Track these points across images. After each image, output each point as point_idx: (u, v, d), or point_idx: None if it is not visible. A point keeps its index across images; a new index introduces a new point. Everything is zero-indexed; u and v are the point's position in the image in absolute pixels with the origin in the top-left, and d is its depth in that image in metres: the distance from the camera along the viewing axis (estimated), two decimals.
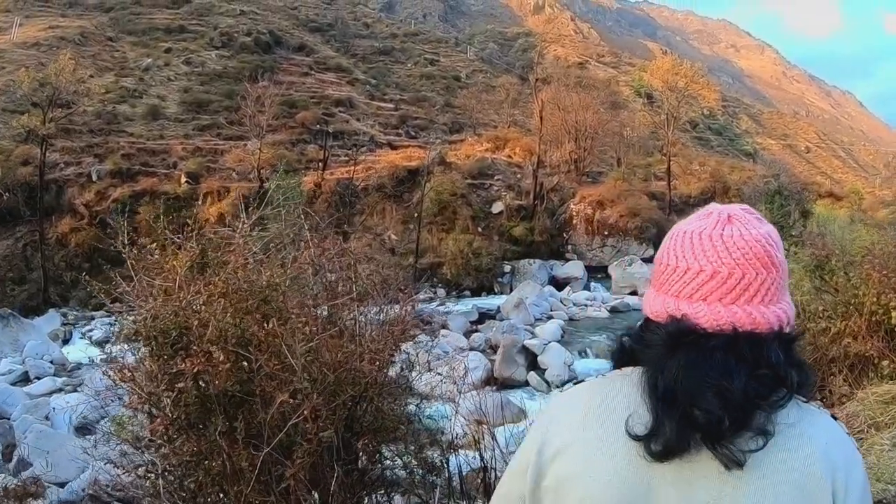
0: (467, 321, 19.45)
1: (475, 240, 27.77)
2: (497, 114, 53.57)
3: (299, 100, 44.32)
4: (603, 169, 44.53)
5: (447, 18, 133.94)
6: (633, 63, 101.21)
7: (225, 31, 55.09)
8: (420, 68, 70.38)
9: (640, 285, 25.49)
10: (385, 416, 3.63)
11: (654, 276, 1.22)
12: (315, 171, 32.15)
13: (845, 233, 17.24)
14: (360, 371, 3.10)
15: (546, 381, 13.40)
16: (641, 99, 73.99)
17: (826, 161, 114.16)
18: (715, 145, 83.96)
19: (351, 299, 3.41)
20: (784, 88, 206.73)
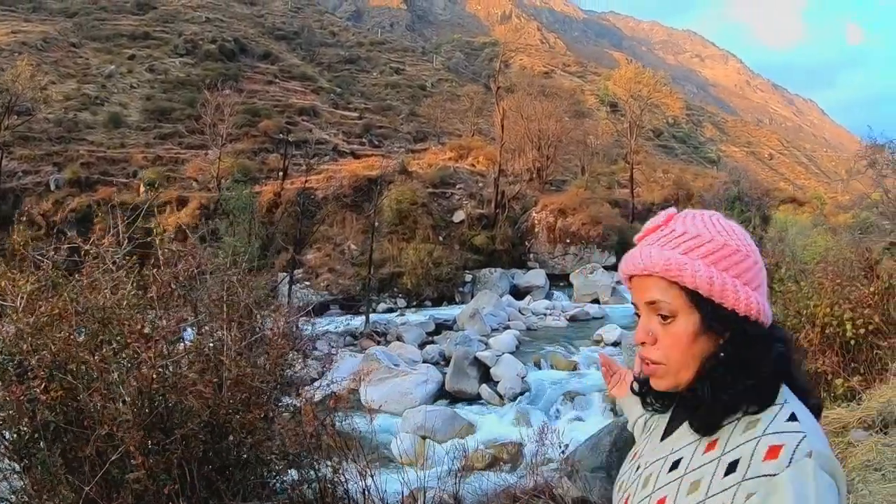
0: (423, 332, 19.20)
1: (436, 249, 27.51)
2: (462, 123, 53.53)
3: (262, 108, 43.81)
4: (567, 177, 44.59)
5: (414, 28, 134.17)
6: (598, 72, 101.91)
7: (189, 39, 54.30)
8: (385, 77, 70.22)
9: (602, 293, 25.45)
10: (260, 450, 3.40)
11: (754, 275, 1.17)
12: (276, 180, 31.81)
13: (797, 239, 17.29)
14: (213, 401, 2.89)
15: (498, 394, 13.19)
16: (605, 108, 74.52)
17: (789, 167, 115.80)
18: (679, 153, 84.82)
19: (198, 322, 3.17)
20: (748, 97, 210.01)
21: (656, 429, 1.32)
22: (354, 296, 24.62)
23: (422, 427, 10.61)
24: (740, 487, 1.02)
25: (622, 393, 1.70)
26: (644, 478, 1.24)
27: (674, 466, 1.17)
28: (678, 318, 1.15)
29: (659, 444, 1.26)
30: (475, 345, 16.00)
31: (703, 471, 1.10)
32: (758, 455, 1.04)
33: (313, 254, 27.41)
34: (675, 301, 1.15)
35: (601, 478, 6.66)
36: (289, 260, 23.36)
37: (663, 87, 58.85)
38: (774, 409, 1.09)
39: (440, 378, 13.84)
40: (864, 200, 12.06)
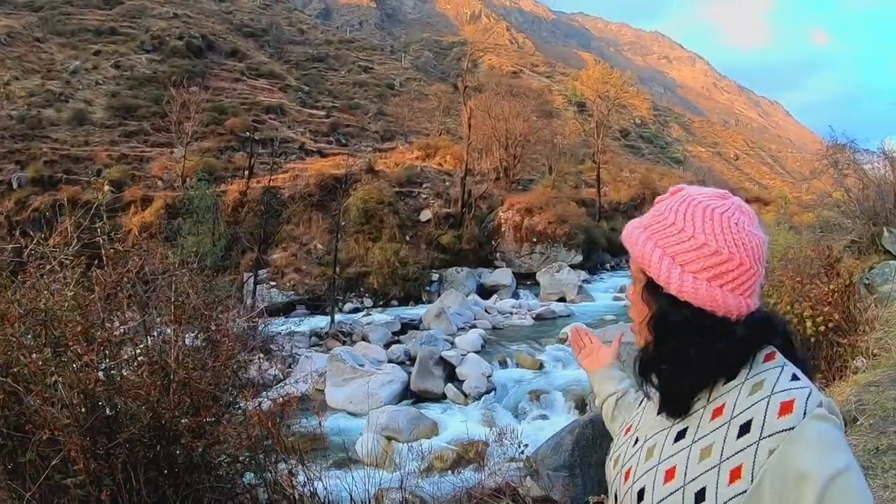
0: (389, 332, 19.07)
1: (402, 248, 27.36)
2: (429, 122, 53.58)
3: (229, 106, 43.40)
4: (534, 176, 44.78)
5: (383, 26, 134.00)
6: (566, 73, 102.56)
7: (156, 35, 53.42)
8: (354, 75, 69.96)
9: (568, 292, 25.54)
10: (211, 453, 3.33)
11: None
12: (241, 179, 31.50)
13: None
14: (158, 404, 2.82)
15: (463, 393, 13.16)
16: (573, 108, 74.98)
17: (754, 168, 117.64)
18: (646, 153, 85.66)
19: (144, 322, 3.10)
20: (714, 98, 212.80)
21: (651, 404, 1.33)
22: (320, 296, 24.45)
23: (386, 427, 10.55)
24: (759, 446, 1.06)
25: (593, 365, 1.74)
26: (647, 450, 1.26)
27: (679, 436, 1.20)
28: (636, 282, 1.29)
29: (656, 418, 1.28)
30: (441, 344, 15.95)
31: (714, 436, 1.13)
32: (771, 413, 1.08)
33: (279, 253, 27.18)
34: (634, 268, 1.29)
35: (563, 477, 6.66)
36: (254, 260, 23.14)
37: (631, 87, 59.48)
38: (776, 370, 1.15)
39: (405, 378, 13.76)
40: (826, 199, 12.26)
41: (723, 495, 1.08)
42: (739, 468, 1.07)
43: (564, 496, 6.37)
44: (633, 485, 1.24)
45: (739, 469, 1.07)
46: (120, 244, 3.33)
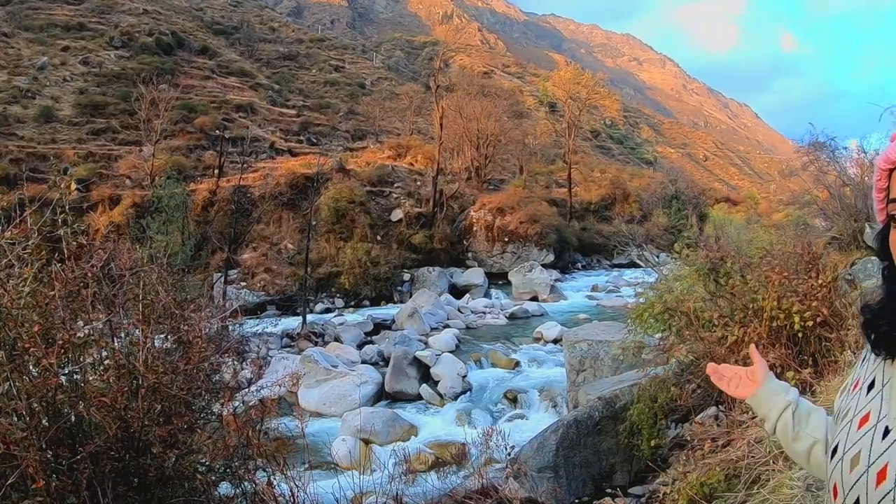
0: (361, 332, 18.87)
1: (373, 248, 27.16)
2: (401, 121, 53.47)
3: (199, 104, 42.73)
4: (505, 176, 44.86)
5: (355, 25, 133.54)
6: (537, 73, 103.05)
7: (126, 31, 52.45)
8: (325, 74, 69.58)
9: (541, 291, 25.52)
10: (184, 463, 3.10)
11: None
12: (211, 178, 31.04)
13: (741, 234, 17.61)
14: (126, 412, 2.59)
15: (439, 394, 13.01)
16: (544, 108, 75.23)
17: (723, 169, 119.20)
18: (616, 154, 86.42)
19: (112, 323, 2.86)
20: (684, 100, 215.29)
21: (891, 382, 1.10)
22: (291, 296, 24.13)
23: (362, 430, 10.36)
24: None
25: (748, 390, 1.49)
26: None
27: None
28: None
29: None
30: (414, 344, 15.81)
31: None
32: None
33: (249, 253, 26.80)
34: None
35: (549, 478, 6.58)
36: (224, 260, 22.77)
37: (601, 88, 59.72)
38: None
39: (379, 379, 13.59)
40: (803, 197, 12.36)
41: None
42: None
43: (550, 497, 6.26)
44: (895, 487, 1.00)
45: None
46: (84, 238, 3.09)
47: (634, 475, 6.56)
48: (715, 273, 6.19)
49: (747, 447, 4.02)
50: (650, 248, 22.82)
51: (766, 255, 6.23)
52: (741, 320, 5.52)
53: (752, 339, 5.26)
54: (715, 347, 5.56)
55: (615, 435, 6.57)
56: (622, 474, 6.76)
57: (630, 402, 6.48)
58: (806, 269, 5.70)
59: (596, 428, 6.83)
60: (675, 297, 6.23)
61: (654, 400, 6.00)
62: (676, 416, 6.09)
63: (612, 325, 10.44)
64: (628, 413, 6.29)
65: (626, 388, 6.95)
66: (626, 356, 7.16)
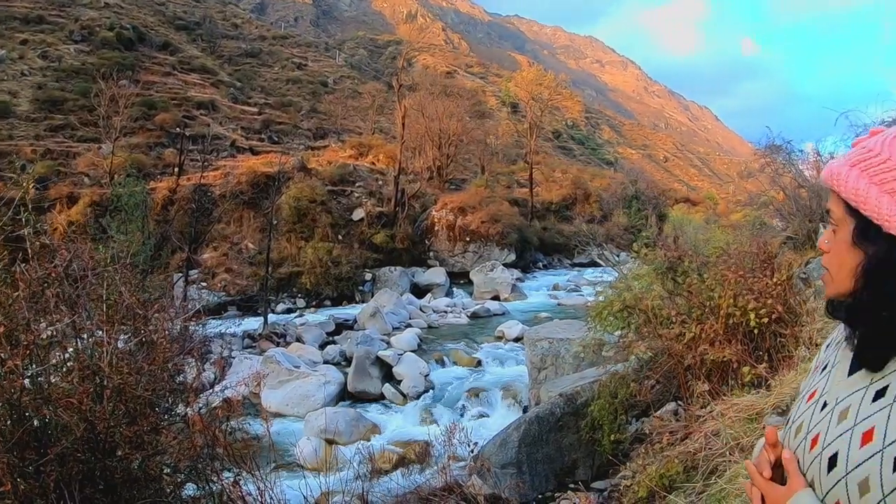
0: (323, 332, 18.81)
1: (335, 248, 27.05)
2: (363, 120, 53.31)
3: (159, 101, 42.02)
4: (466, 176, 45.02)
5: (319, 23, 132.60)
6: (500, 74, 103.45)
7: (86, 24, 51.18)
8: (287, 72, 69.08)
9: (502, 290, 25.67)
10: (151, 465, 3.08)
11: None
12: (171, 176, 30.63)
13: (699, 234, 17.91)
14: (91, 414, 2.58)
15: (402, 393, 13.04)
16: (506, 108, 75.59)
17: (683, 170, 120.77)
18: (577, 154, 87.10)
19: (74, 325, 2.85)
20: (645, 102, 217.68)
21: (838, 365, 1.24)
22: (252, 296, 23.93)
23: (326, 430, 10.35)
24: None
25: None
26: (839, 413, 1.15)
27: (878, 395, 1.09)
28: (839, 227, 1.17)
29: (847, 379, 1.18)
30: (376, 344, 15.78)
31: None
32: None
33: (209, 253, 26.51)
34: (838, 210, 1.17)
35: (512, 474, 6.65)
36: (184, 259, 22.50)
37: (564, 90, 60.28)
38: None
39: (342, 379, 13.57)
40: (760, 198, 12.63)
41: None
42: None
43: (514, 493, 6.33)
44: (822, 451, 1.14)
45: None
46: (46, 238, 3.07)
47: (597, 470, 6.61)
48: (673, 272, 6.32)
49: (705, 440, 4.13)
50: (610, 248, 23.13)
51: (722, 255, 6.38)
52: (698, 317, 5.64)
53: (708, 337, 5.40)
54: (673, 344, 5.67)
55: (577, 431, 6.64)
56: (585, 469, 6.84)
57: (591, 398, 6.57)
58: (761, 267, 5.85)
59: (558, 424, 6.91)
60: (633, 295, 6.34)
61: (615, 396, 6.09)
62: (636, 411, 6.19)
63: (572, 323, 10.55)
64: (589, 409, 6.36)
65: (586, 385, 7.04)
66: (587, 354, 7.25)
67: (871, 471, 1.02)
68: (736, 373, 5.12)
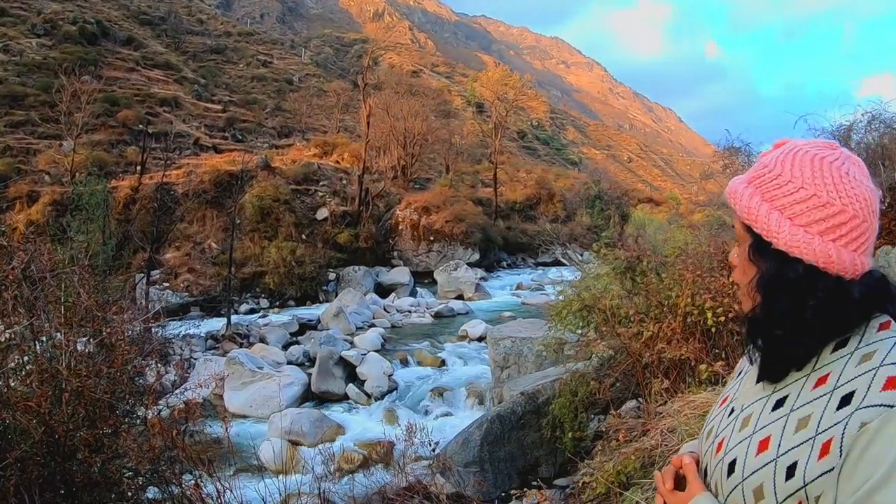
0: (287, 333, 18.70)
1: (298, 247, 26.93)
2: (328, 119, 53.09)
3: (122, 97, 41.36)
4: (431, 176, 45.03)
5: (285, 20, 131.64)
6: (466, 74, 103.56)
7: (49, 18, 50.15)
8: (252, 69, 68.52)
9: (466, 289, 25.75)
10: (111, 468, 3.07)
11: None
12: (133, 174, 30.21)
13: (658, 234, 18.11)
14: (50, 417, 2.57)
15: (365, 393, 13.02)
16: (472, 108, 75.77)
17: (646, 170, 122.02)
18: (542, 154, 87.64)
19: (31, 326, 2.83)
20: (610, 103, 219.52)
21: (750, 372, 1.26)
22: (216, 297, 23.72)
23: (289, 431, 10.33)
24: (854, 416, 0.98)
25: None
26: (742, 419, 1.18)
27: (778, 405, 1.12)
28: (741, 243, 1.20)
29: (755, 386, 1.21)
30: (340, 344, 15.74)
31: (814, 405, 1.05)
32: (875, 385, 0.99)
33: (172, 253, 26.21)
34: (738, 227, 1.20)
35: (474, 472, 6.69)
36: (146, 260, 22.22)
37: (529, 90, 60.61)
38: (890, 340, 1.05)
39: (305, 379, 13.52)
40: (721, 198, 12.81)
41: (811, 472, 1.01)
42: (830, 442, 0.99)
43: (476, 491, 6.38)
44: (724, 456, 1.17)
45: (830, 443, 0.99)
46: (4, 239, 3.04)
47: (559, 467, 6.65)
48: (631, 271, 6.42)
49: (661, 436, 4.21)
50: (574, 247, 23.29)
51: (681, 254, 6.48)
52: (656, 316, 5.73)
53: (666, 336, 5.50)
54: (631, 343, 5.76)
55: (539, 429, 6.68)
56: (547, 467, 6.89)
57: (552, 396, 6.63)
58: (719, 267, 5.96)
59: (519, 423, 6.97)
60: (592, 294, 6.42)
61: (575, 394, 6.15)
62: (597, 409, 6.26)
63: (535, 322, 10.61)
64: (550, 407, 6.42)
65: (548, 384, 7.11)
66: (549, 353, 7.33)
67: (766, 478, 1.06)
68: (694, 370, 5.16)
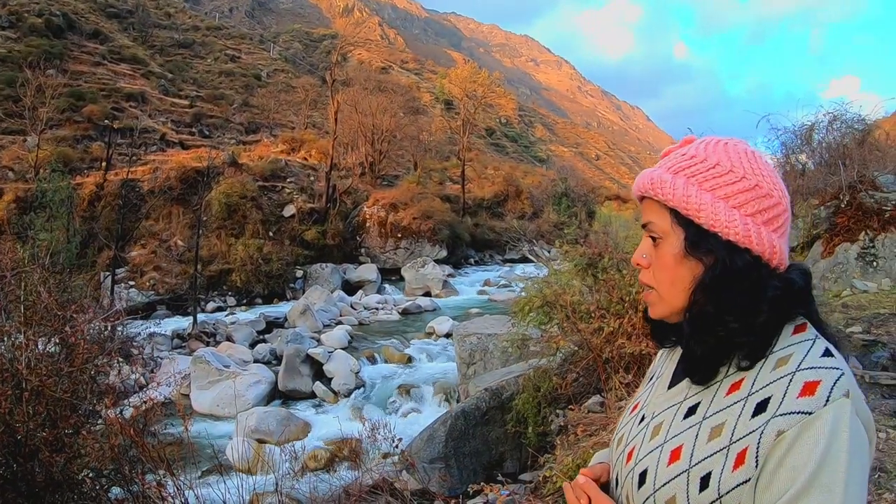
0: (253, 331, 18.60)
1: (266, 244, 26.75)
2: (296, 115, 52.82)
3: (88, 92, 40.57)
4: (399, 172, 44.94)
5: (254, 15, 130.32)
6: (435, 70, 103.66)
7: (14, 10, 48.89)
8: (220, 64, 67.77)
9: (433, 286, 25.82)
10: (73, 468, 3.07)
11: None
12: (98, 170, 29.77)
13: (621, 230, 18.28)
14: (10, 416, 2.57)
15: (332, 391, 13.03)
16: (440, 105, 75.83)
17: (614, 168, 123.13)
18: (510, 151, 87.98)
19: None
20: (578, 101, 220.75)
21: (661, 378, 1.24)
22: (182, 295, 23.50)
23: (256, 430, 10.33)
24: (770, 424, 0.95)
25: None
26: (653, 427, 1.14)
27: (690, 412, 1.09)
28: (665, 239, 1.12)
29: (666, 393, 1.18)
30: (307, 342, 15.72)
31: (728, 413, 1.02)
32: (792, 391, 0.96)
33: (137, 251, 25.87)
34: (662, 222, 1.12)
35: (439, 468, 6.75)
36: (111, 258, 21.96)
37: (498, 87, 60.68)
38: (806, 344, 1.02)
39: (272, 378, 13.52)
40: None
41: (725, 483, 0.97)
42: (745, 451, 0.96)
43: (441, 487, 6.44)
44: (635, 466, 1.13)
45: (745, 452, 0.96)
46: None
47: (524, 462, 6.72)
48: (593, 268, 6.51)
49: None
50: (541, 244, 23.44)
51: None
52: (617, 312, 5.82)
53: (626, 331, 5.59)
54: (592, 338, 5.85)
55: (503, 424, 6.75)
56: (512, 462, 6.97)
57: (515, 392, 6.72)
58: None
59: (484, 418, 7.04)
60: (553, 291, 6.49)
61: (538, 389, 6.23)
62: (561, 404, 6.34)
63: (501, 318, 10.67)
64: (514, 403, 6.50)
65: (511, 379, 7.19)
66: (513, 349, 7.41)
67: (679, 490, 1.02)
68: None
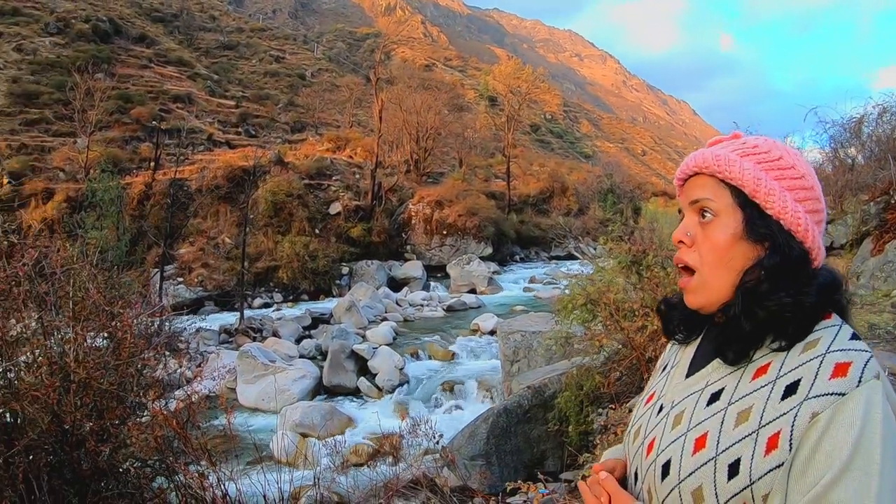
0: (299, 327, 18.81)
1: (312, 241, 27.03)
2: (340, 114, 53.27)
3: (135, 94, 41.60)
4: (444, 169, 44.96)
5: (297, 15, 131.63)
6: (479, 67, 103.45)
7: (62, 17, 50.42)
8: (265, 65, 68.70)
9: (478, 283, 25.79)
10: (117, 458, 3.15)
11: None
12: (147, 170, 30.41)
13: (665, 228, 18.01)
14: (58, 407, 2.65)
15: (376, 387, 13.12)
16: (485, 102, 75.67)
17: (660, 163, 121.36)
18: (555, 147, 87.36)
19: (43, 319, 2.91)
20: (624, 96, 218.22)
21: (678, 366, 1.21)
22: (229, 291, 23.87)
23: (300, 424, 10.43)
24: (803, 406, 0.92)
25: None
26: (674, 417, 1.11)
27: (713, 399, 1.06)
28: (719, 218, 1.09)
29: (685, 381, 1.15)
30: (352, 338, 15.80)
31: (754, 397, 0.99)
32: (823, 373, 0.94)
33: (186, 248, 26.36)
34: (720, 200, 1.09)
35: (480, 465, 6.73)
36: (160, 255, 22.40)
37: (542, 83, 60.29)
38: (833, 329, 1.01)
39: (317, 373, 13.62)
40: None
41: (757, 469, 0.94)
42: (777, 435, 0.94)
43: (481, 484, 6.44)
44: (656, 458, 1.09)
45: (777, 436, 0.94)
46: (15, 237, 3.12)
47: (566, 461, 6.61)
48: (637, 265, 6.41)
49: None
50: (587, 241, 23.25)
51: None
52: None
53: None
54: (635, 337, 5.77)
55: (545, 423, 6.68)
56: (553, 460, 6.90)
57: (558, 390, 6.66)
58: None
59: (526, 416, 7.00)
60: (597, 288, 6.41)
61: (580, 388, 6.16)
62: (604, 403, 6.27)
63: (546, 315, 10.56)
64: (556, 401, 6.44)
65: (554, 377, 7.13)
66: (557, 347, 7.34)
67: (705, 479, 0.99)
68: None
